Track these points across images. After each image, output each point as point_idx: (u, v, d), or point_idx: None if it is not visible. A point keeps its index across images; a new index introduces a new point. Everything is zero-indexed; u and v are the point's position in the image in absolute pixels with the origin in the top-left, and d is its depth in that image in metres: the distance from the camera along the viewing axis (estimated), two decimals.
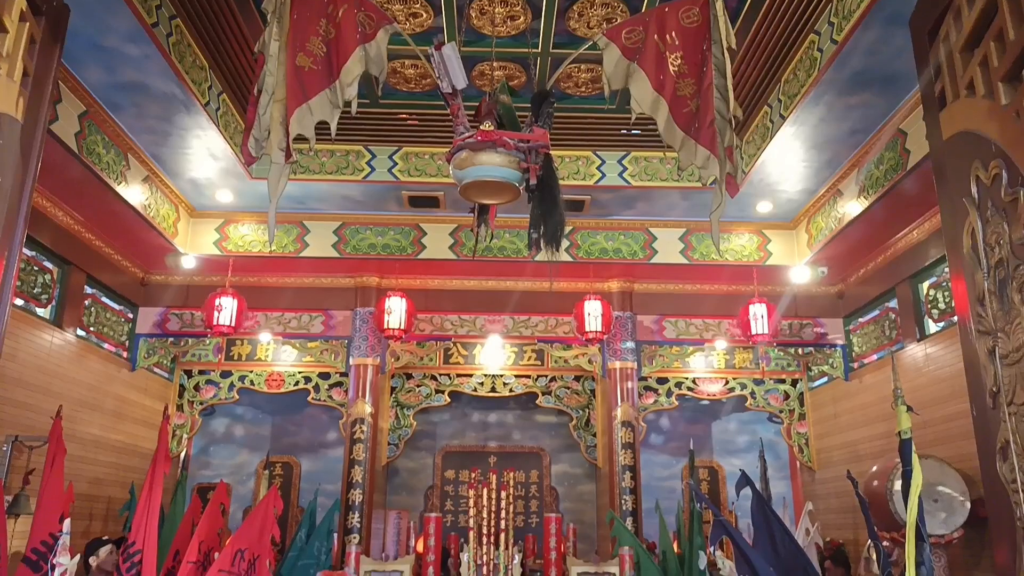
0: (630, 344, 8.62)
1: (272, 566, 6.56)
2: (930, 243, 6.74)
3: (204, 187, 7.22)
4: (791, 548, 3.15)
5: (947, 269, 5.63)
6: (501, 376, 9.15)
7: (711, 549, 3.18)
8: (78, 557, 4.07)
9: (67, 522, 4.10)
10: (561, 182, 5.11)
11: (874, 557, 6.39)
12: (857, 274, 8.07)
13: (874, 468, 6.55)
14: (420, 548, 7.02)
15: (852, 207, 6.74)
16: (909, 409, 3.10)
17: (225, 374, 8.90)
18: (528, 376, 9.23)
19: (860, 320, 8.31)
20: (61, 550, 3.97)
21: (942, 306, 6.69)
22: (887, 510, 5.98)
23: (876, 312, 7.95)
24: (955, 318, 6.03)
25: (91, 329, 7.55)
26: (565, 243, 8.04)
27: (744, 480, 3.37)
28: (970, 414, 2.36)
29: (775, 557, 3.11)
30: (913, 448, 3.04)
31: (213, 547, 5.06)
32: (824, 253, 7.55)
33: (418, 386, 9.28)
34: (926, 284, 6.96)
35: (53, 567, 3.97)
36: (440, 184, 7.20)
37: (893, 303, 7.53)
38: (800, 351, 8.72)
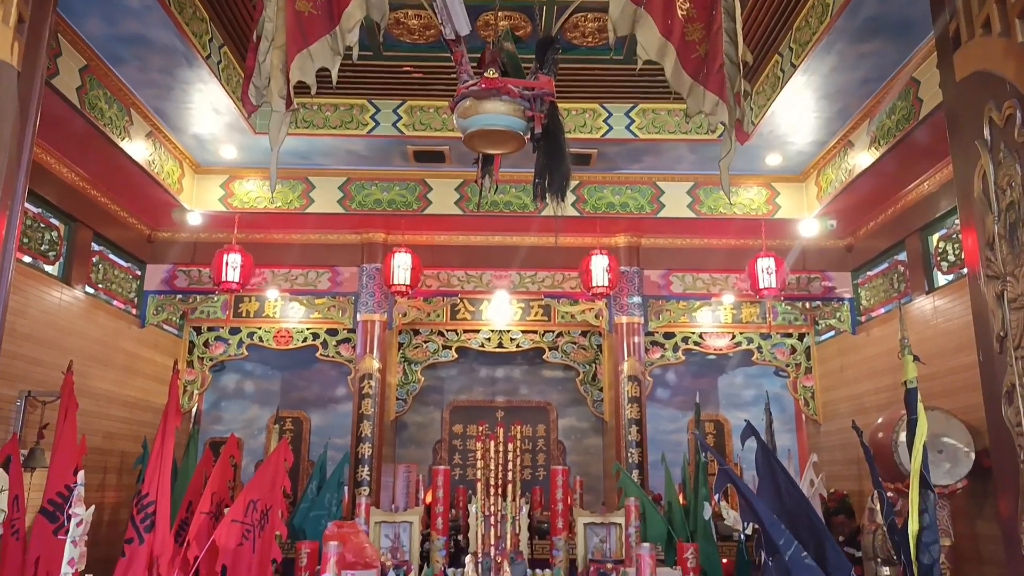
0: (637, 299, 8.61)
1: (284, 517, 6.69)
2: (941, 195, 6.66)
3: (208, 142, 7.17)
4: (796, 496, 3.18)
5: (957, 221, 5.58)
6: (508, 331, 9.18)
7: (716, 498, 3.22)
8: (92, 508, 4.15)
9: (81, 474, 4.15)
10: (567, 135, 5.04)
11: (878, 507, 6.46)
12: (866, 227, 8.00)
13: (879, 420, 6.58)
14: (429, 500, 7.13)
15: (863, 158, 6.65)
16: (915, 359, 3.10)
17: (234, 331, 8.96)
18: (535, 331, 9.26)
19: (868, 273, 8.27)
20: (76, 501, 4.03)
21: (951, 258, 6.64)
22: (892, 461, 6.02)
23: (885, 265, 7.90)
24: (964, 270, 6.00)
25: (99, 286, 7.58)
26: (571, 198, 8.04)
27: (749, 430, 3.38)
28: (977, 365, 2.34)
29: (780, 505, 3.14)
30: (918, 397, 3.04)
31: (225, 499, 5.16)
32: (833, 206, 7.47)
33: (425, 342, 9.33)
34: (936, 236, 6.90)
35: (69, 517, 4.05)
36: (445, 139, 7.13)
37: (902, 256, 7.48)
38: (808, 305, 8.69)
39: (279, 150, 3.72)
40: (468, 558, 4.77)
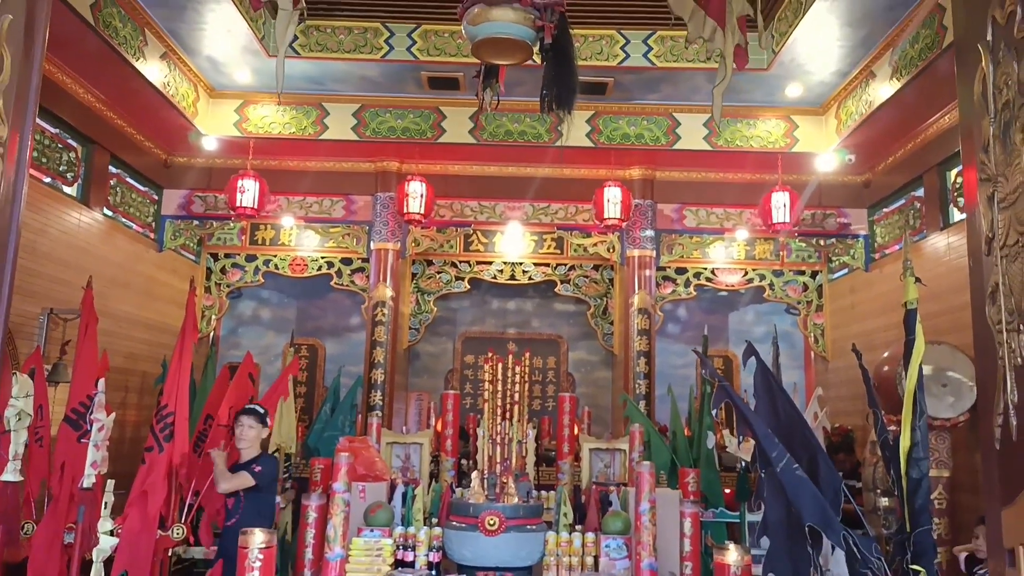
0: (649, 232, 8.60)
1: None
2: (959, 129, 6.54)
3: (222, 65, 7.15)
4: (791, 413, 3.26)
5: None
6: (520, 264, 9.23)
7: (714, 412, 3.29)
8: (113, 414, 4.33)
9: (101, 382, 4.32)
10: (583, 63, 4.98)
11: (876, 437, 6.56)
12: (885, 162, 7.90)
13: (885, 354, 6.63)
14: (440, 428, 7.32)
15: (884, 90, 6.53)
16: (917, 280, 3.12)
17: (250, 258, 9.07)
18: (547, 264, 9.30)
19: (884, 210, 8.20)
20: (98, 407, 4.21)
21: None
22: (896, 394, 6.08)
23: (901, 201, 7.83)
24: None
25: (118, 209, 7.68)
26: (586, 128, 7.99)
27: (750, 350, 3.44)
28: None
29: (775, 421, 3.22)
30: (918, 318, 3.08)
31: None
32: (852, 139, 7.37)
33: (438, 273, 9.41)
34: (954, 172, 6.81)
35: (91, 423, 4.23)
36: (460, 64, 7.06)
37: (919, 192, 7.41)
38: (821, 242, 8.66)
39: (286, 50, 3.70)
40: (474, 474, 4.92)
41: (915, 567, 2.84)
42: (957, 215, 6.75)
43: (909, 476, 2.93)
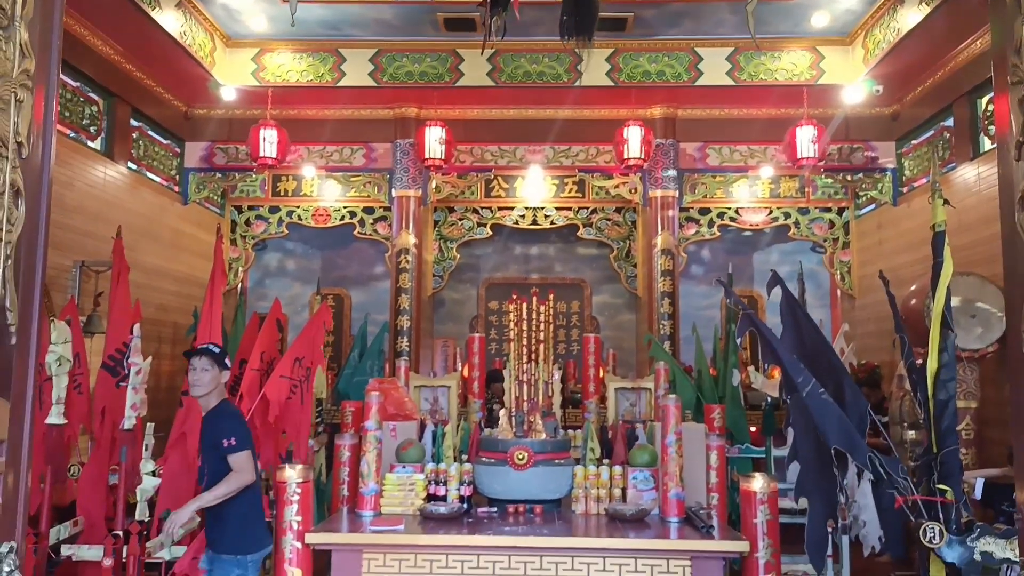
0: (672, 172, 8.51)
1: (329, 385, 7.02)
2: (991, 55, 6.34)
3: (237, 13, 7.10)
4: (817, 341, 3.27)
5: None
6: (542, 208, 9.20)
7: (739, 340, 3.30)
8: (150, 358, 4.44)
9: (136, 326, 4.43)
10: None
11: (907, 375, 6.55)
12: (913, 92, 7.70)
13: (912, 287, 6.57)
14: (466, 374, 7.42)
15: (912, 17, 6.33)
16: (945, 202, 3.08)
17: (273, 209, 9.14)
18: (569, 208, 9.27)
19: (913, 142, 8.03)
20: (134, 352, 4.33)
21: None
22: (923, 327, 6.04)
23: (931, 132, 7.65)
24: None
25: (141, 162, 7.75)
26: (606, 67, 7.85)
27: (775, 280, 3.44)
28: None
29: (800, 348, 3.24)
30: (946, 240, 3.05)
31: (274, 357, 5.44)
32: (880, 69, 7.18)
33: (460, 219, 9.42)
34: (985, 99, 6.63)
35: (129, 367, 4.35)
36: (476, 4, 6.91)
37: (949, 122, 7.23)
38: (849, 177, 8.52)
39: None
40: (502, 412, 5.01)
41: (942, 487, 2.87)
42: (987, 144, 6.60)
43: (936, 398, 2.94)
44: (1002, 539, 2.75)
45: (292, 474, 3.79)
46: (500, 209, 9.25)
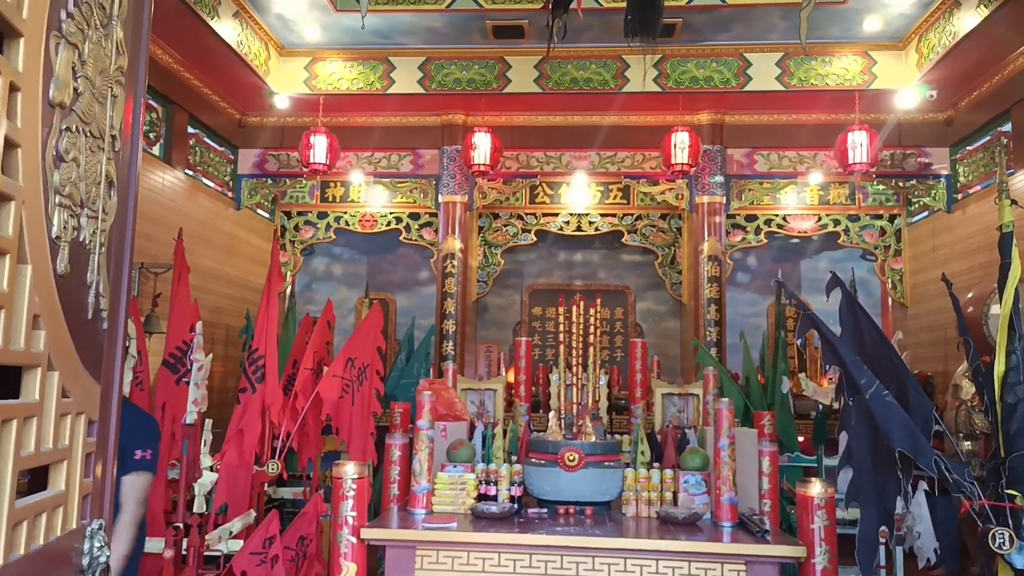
0: (719, 178, 8.46)
1: (381, 375, 7.10)
2: None
3: (291, 23, 7.27)
4: (877, 340, 3.22)
5: None
6: (587, 215, 9.22)
7: (799, 341, 3.25)
8: (211, 355, 4.56)
9: (199, 324, 4.55)
10: None
11: (963, 385, 6.41)
12: (969, 97, 7.55)
13: (970, 295, 6.43)
14: (511, 379, 7.45)
15: (969, 20, 6.22)
16: (1013, 203, 3.03)
17: (322, 215, 9.31)
18: (614, 215, 9.27)
19: (968, 148, 7.86)
20: (196, 348, 4.44)
21: None
22: (982, 335, 5.92)
23: (987, 138, 7.49)
24: None
25: (197, 168, 7.96)
26: (654, 72, 7.85)
27: (834, 281, 3.40)
28: None
29: (861, 349, 3.19)
30: (1013, 241, 2.99)
31: (325, 357, 5.55)
32: (934, 74, 7.06)
33: (505, 225, 9.48)
34: None
35: (191, 364, 4.47)
36: (525, 12, 7.01)
37: (1006, 127, 7.07)
38: (901, 183, 8.37)
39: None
40: (552, 414, 5.02)
41: (1010, 491, 2.81)
42: None
43: (1004, 401, 2.88)
44: None
45: (349, 470, 3.84)
46: (545, 215, 9.29)
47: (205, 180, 8.10)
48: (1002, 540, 2.71)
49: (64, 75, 1.53)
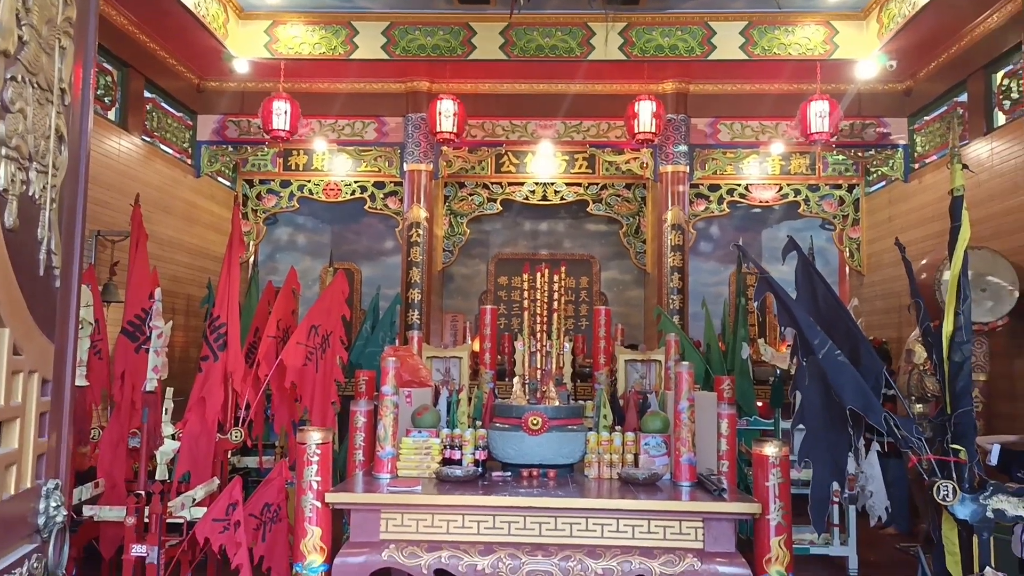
0: (683, 148, 8.52)
1: (344, 342, 7.08)
2: (1009, 28, 6.32)
3: None
4: (833, 304, 3.30)
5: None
6: (552, 184, 9.22)
7: (756, 304, 3.31)
8: (171, 322, 4.50)
9: (158, 291, 4.48)
10: None
11: (915, 350, 6.60)
12: (927, 68, 7.68)
13: (924, 261, 6.59)
14: (476, 347, 7.48)
15: None
16: (964, 167, 3.10)
17: (284, 183, 9.17)
18: (579, 184, 9.29)
19: (925, 118, 8.01)
20: (156, 315, 4.38)
21: (1015, 95, 6.39)
22: (934, 300, 6.08)
23: (944, 108, 7.64)
24: None
25: (155, 134, 7.78)
26: (619, 40, 7.83)
27: (791, 244, 3.46)
28: None
29: (816, 310, 3.27)
30: (964, 205, 3.07)
31: (290, 324, 5.51)
32: (894, 44, 7.15)
33: (471, 194, 9.45)
34: (1000, 74, 6.62)
35: (151, 330, 4.41)
36: None
37: (962, 97, 7.21)
38: (860, 153, 8.51)
39: None
40: (516, 379, 5.06)
41: (955, 447, 2.92)
42: (1001, 119, 6.59)
43: (951, 360, 2.98)
44: (1015, 497, 2.80)
45: (313, 435, 3.85)
46: (510, 184, 9.27)
47: (163, 146, 7.92)
48: (946, 492, 2.83)
49: (7, 21, 1.48)
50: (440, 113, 7.98)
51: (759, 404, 7.31)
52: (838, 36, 7.63)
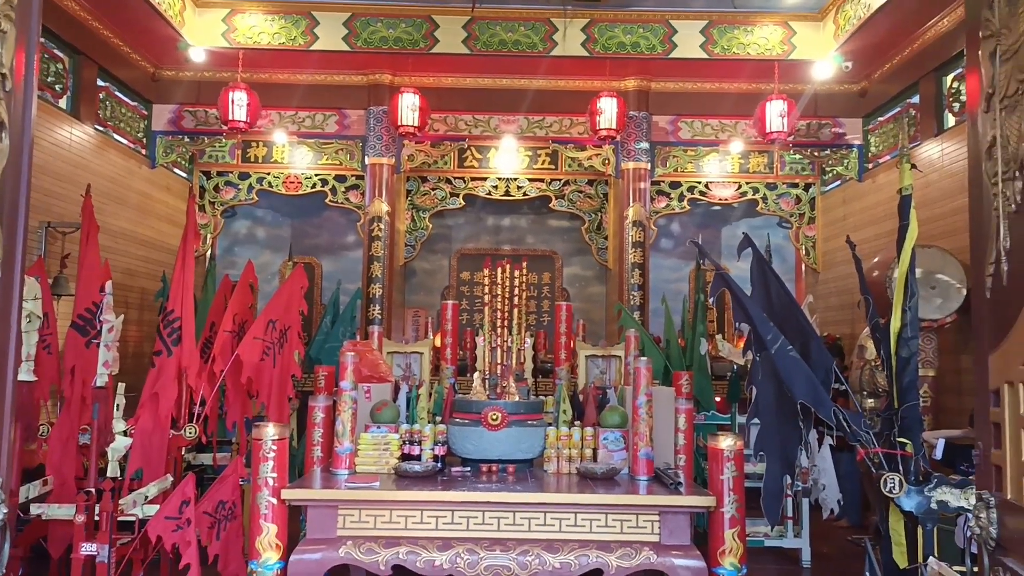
0: (644, 145, 8.58)
1: (302, 337, 7.01)
2: (958, 32, 6.49)
3: None
4: (785, 300, 3.36)
5: None
6: (515, 179, 9.23)
7: (711, 300, 3.35)
8: (122, 316, 4.40)
9: (109, 284, 4.38)
10: None
11: (867, 346, 6.74)
12: (881, 69, 7.85)
13: (876, 259, 6.74)
14: (438, 343, 7.45)
15: None
16: (913, 167, 3.18)
17: (243, 176, 9.02)
18: (542, 180, 9.31)
19: (879, 119, 8.19)
20: (106, 309, 4.28)
21: (964, 97, 6.57)
22: (886, 298, 6.21)
23: (897, 109, 7.82)
24: None
25: (108, 123, 7.59)
26: (581, 37, 7.86)
27: (746, 241, 3.52)
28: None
29: (769, 308, 3.33)
30: (912, 204, 3.15)
31: (246, 319, 5.42)
32: (850, 45, 7.29)
33: (433, 189, 9.41)
34: (950, 77, 6.79)
35: (101, 325, 4.30)
36: None
37: (915, 99, 7.39)
38: (816, 152, 8.67)
39: None
40: (476, 375, 5.06)
41: (902, 439, 2.99)
42: (951, 121, 6.77)
43: (898, 355, 3.05)
44: (957, 489, 2.88)
45: (269, 431, 3.80)
46: (473, 179, 9.25)
47: (117, 136, 7.73)
48: (893, 484, 2.90)
49: None
50: (402, 107, 7.92)
51: (717, 399, 7.41)
52: (796, 37, 7.76)
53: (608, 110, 7.85)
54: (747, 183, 9.00)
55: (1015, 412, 1.64)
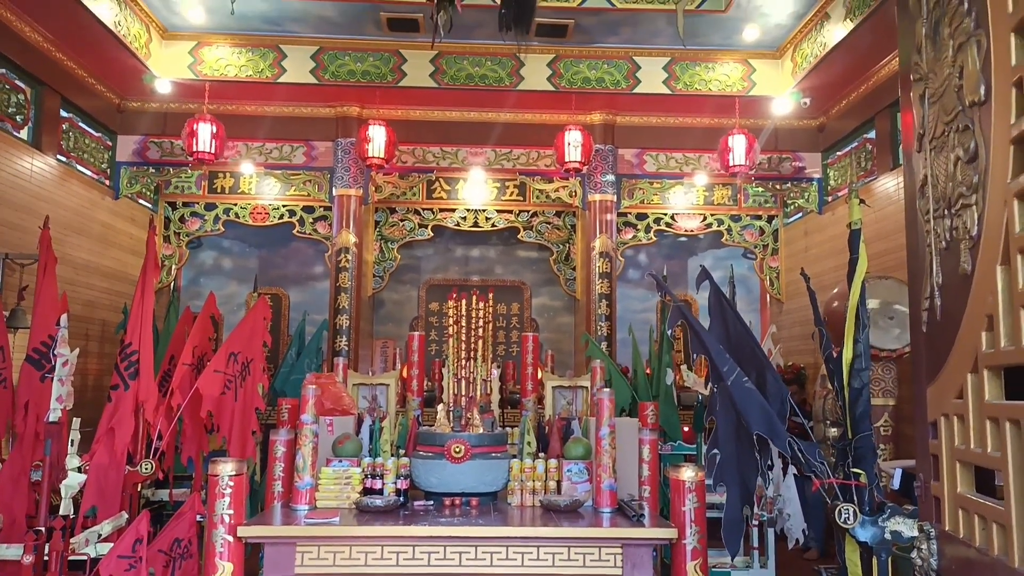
0: (610, 177, 8.70)
1: (265, 369, 6.93)
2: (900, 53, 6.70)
3: (174, 3, 6.97)
4: (742, 332, 3.40)
5: None
6: (483, 211, 9.28)
7: (669, 331, 3.38)
8: (77, 350, 4.32)
9: (64, 317, 4.30)
10: (543, 4, 4.89)
11: (824, 370, 6.83)
12: (839, 105, 8.07)
13: (835, 290, 6.86)
14: (405, 375, 7.41)
15: (838, 32, 6.64)
16: (862, 202, 3.26)
17: (209, 206, 8.97)
18: (510, 211, 9.37)
19: (838, 153, 8.40)
20: (61, 343, 4.20)
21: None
22: (844, 328, 6.32)
23: (855, 144, 8.02)
24: None
25: (71, 154, 7.51)
26: (547, 72, 7.98)
27: (704, 274, 3.57)
28: None
29: (727, 337, 3.37)
30: (861, 238, 3.23)
31: (207, 352, 5.34)
32: (807, 82, 7.50)
33: (401, 220, 9.42)
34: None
35: (56, 359, 4.22)
36: (420, 5, 6.98)
37: (871, 134, 7.60)
38: (778, 185, 8.85)
39: None
40: (440, 407, 5.03)
41: (856, 470, 3.03)
42: None
43: (851, 386, 3.10)
44: (910, 519, 2.91)
45: (225, 467, 3.73)
46: (441, 211, 9.29)
47: (79, 167, 7.65)
48: (847, 515, 2.93)
49: None
50: (370, 139, 7.95)
51: (684, 429, 7.44)
52: (755, 74, 7.96)
53: (574, 143, 7.97)
54: (712, 215, 9.15)
55: (951, 444, 1.67)
